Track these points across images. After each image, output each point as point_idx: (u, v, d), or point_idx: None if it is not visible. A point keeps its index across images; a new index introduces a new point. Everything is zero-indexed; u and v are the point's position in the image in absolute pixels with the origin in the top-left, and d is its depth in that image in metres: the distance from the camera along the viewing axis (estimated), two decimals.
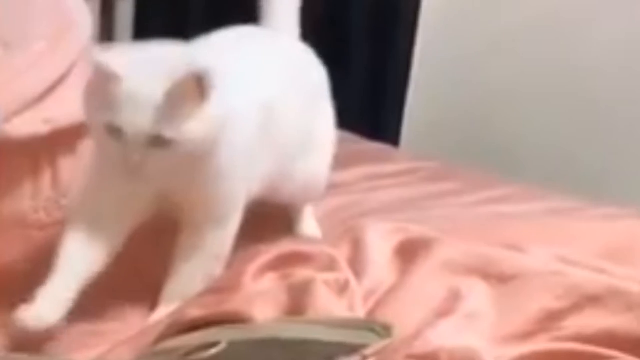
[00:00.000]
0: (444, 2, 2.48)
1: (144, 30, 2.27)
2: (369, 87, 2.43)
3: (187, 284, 1.41)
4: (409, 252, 1.34)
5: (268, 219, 1.60)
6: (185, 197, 1.39)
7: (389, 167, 2.00)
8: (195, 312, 1.22)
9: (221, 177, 1.37)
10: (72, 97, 1.60)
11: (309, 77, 1.57)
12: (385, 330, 1.11)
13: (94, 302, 1.39)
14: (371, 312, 1.26)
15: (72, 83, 1.61)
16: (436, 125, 2.56)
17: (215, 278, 1.41)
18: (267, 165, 1.45)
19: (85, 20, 1.68)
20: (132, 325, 1.37)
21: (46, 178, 1.63)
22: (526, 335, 1.23)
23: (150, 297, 1.43)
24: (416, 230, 1.41)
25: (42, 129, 1.56)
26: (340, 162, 1.69)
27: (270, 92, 1.44)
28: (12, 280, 1.46)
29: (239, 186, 1.42)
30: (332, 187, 1.70)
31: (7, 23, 1.59)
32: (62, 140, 1.59)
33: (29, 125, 1.55)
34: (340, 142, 1.67)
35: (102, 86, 1.29)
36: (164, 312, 1.38)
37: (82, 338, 1.35)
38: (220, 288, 1.29)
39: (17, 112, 1.54)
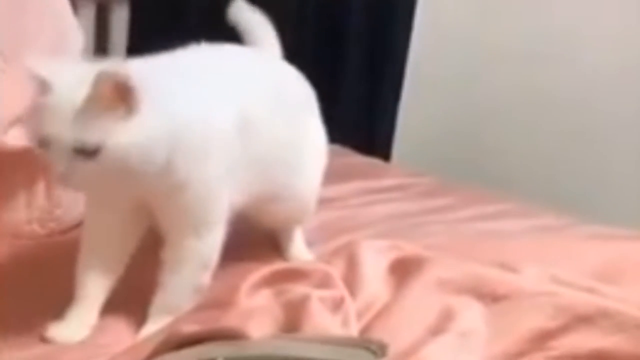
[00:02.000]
0: (438, 18, 2.49)
1: (140, 36, 2.27)
2: (362, 100, 2.44)
3: (175, 296, 1.42)
4: (403, 270, 1.35)
5: (261, 241, 1.61)
6: (162, 207, 1.39)
7: (381, 182, 2.00)
8: (189, 328, 1.21)
9: (190, 186, 1.36)
10: None
11: (293, 94, 1.57)
12: (380, 349, 1.11)
13: None
14: (365, 329, 1.26)
15: None
16: (428, 139, 2.56)
17: (205, 289, 1.42)
18: (248, 178, 1.44)
19: (77, 32, 1.69)
20: (122, 339, 1.38)
21: (40, 189, 1.64)
22: (518, 355, 1.23)
23: (139, 310, 1.42)
24: (410, 248, 1.41)
25: None
26: (333, 176, 1.69)
27: (246, 104, 1.43)
28: (4, 289, 1.46)
29: (214, 195, 1.40)
30: (325, 201, 1.70)
31: (4, 35, 1.60)
32: None
33: (25, 137, 1.55)
34: (333, 156, 1.67)
35: (37, 98, 1.29)
36: (153, 325, 1.39)
37: (72, 352, 1.35)
38: (215, 304, 1.28)
39: (13, 124, 1.54)
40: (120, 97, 1.25)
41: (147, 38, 2.19)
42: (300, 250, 1.64)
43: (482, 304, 1.29)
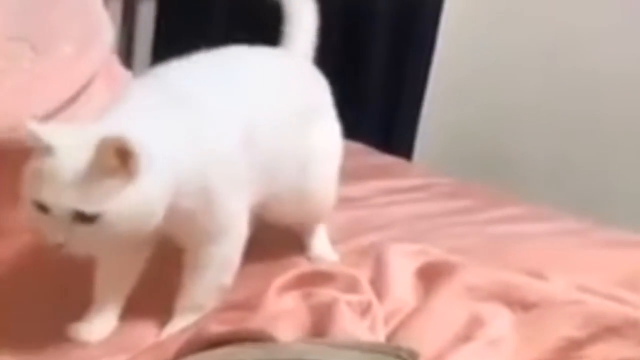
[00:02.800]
0: (461, 19, 2.48)
1: (165, 33, 2.26)
2: (385, 98, 2.43)
3: (199, 297, 1.42)
4: (431, 276, 1.34)
5: (290, 244, 1.61)
6: (174, 229, 1.37)
7: (403, 182, 1.99)
8: (216, 329, 1.21)
9: (198, 211, 1.35)
10: (94, 105, 1.61)
11: (303, 95, 1.55)
12: (411, 357, 1.10)
13: None
14: (392, 335, 1.25)
15: (95, 91, 1.62)
16: (449, 139, 2.56)
17: (228, 288, 1.42)
18: (255, 183, 1.43)
19: (107, 27, 1.68)
20: (144, 337, 1.39)
21: None
22: None
23: (161, 309, 1.43)
24: (438, 253, 1.41)
25: None
26: (354, 175, 1.69)
27: (251, 115, 1.41)
28: (22, 284, 1.47)
29: (231, 206, 1.40)
30: (346, 201, 1.69)
31: (35, 26, 1.59)
32: None
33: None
34: (355, 154, 1.66)
35: (36, 160, 1.27)
36: (177, 323, 1.39)
37: (93, 349, 1.36)
38: (242, 305, 1.28)
39: (41, 119, 1.53)
40: (121, 163, 1.24)
41: (174, 33, 2.20)
42: (323, 249, 1.63)
43: (511, 311, 1.29)
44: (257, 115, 1.42)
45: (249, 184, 1.42)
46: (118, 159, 1.23)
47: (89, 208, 1.24)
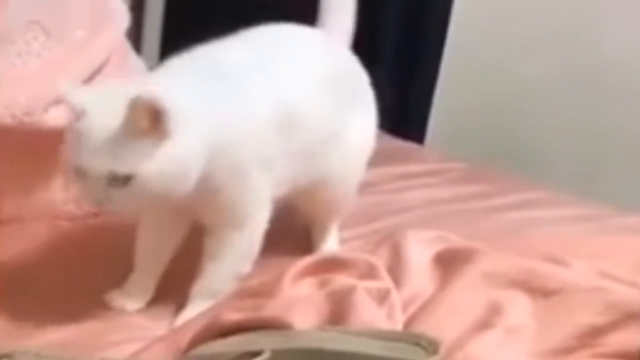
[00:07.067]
0: (474, 1, 2.46)
1: (175, 24, 2.24)
2: (397, 82, 2.41)
3: (216, 282, 1.41)
4: (449, 262, 1.33)
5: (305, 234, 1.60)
6: (200, 206, 1.38)
7: (416, 167, 1.98)
8: (232, 316, 1.20)
9: (227, 189, 1.35)
10: None
11: (343, 81, 1.53)
12: (431, 345, 1.09)
13: None
14: (410, 322, 1.25)
15: (109, 74, 1.62)
16: (461, 124, 2.54)
17: (245, 276, 1.41)
18: (288, 171, 1.42)
19: (122, 12, 1.67)
20: (161, 322, 1.38)
21: None
22: (567, 351, 1.22)
23: (178, 295, 1.42)
24: (456, 239, 1.40)
25: None
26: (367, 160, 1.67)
27: (291, 98, 1.40)
28: (39, 268, 1.47)
29: (258, 189, 1.40)
30: (361, 186, 1.67)
31: (48, 11, 1.59)
32: None
33: (65, 115, 1.54)
34: None
35: (72, 125, 1.28)
36: (193, 309, 1.38)
37: (112, 334, 1.35)
38: (258, 292, 1.27)
39: (54, 102, 1.53)
40: (154, 122, 1.23)
41: (183, 24, 2.18)
42: (332, 247, 1.60)
43: (531, 298, 1.27)
44: (297, 99, 1.41)
45: (282, 171, 1.41)
46: (150, 118, 1.23)
47: (121, 169, 1.24)
